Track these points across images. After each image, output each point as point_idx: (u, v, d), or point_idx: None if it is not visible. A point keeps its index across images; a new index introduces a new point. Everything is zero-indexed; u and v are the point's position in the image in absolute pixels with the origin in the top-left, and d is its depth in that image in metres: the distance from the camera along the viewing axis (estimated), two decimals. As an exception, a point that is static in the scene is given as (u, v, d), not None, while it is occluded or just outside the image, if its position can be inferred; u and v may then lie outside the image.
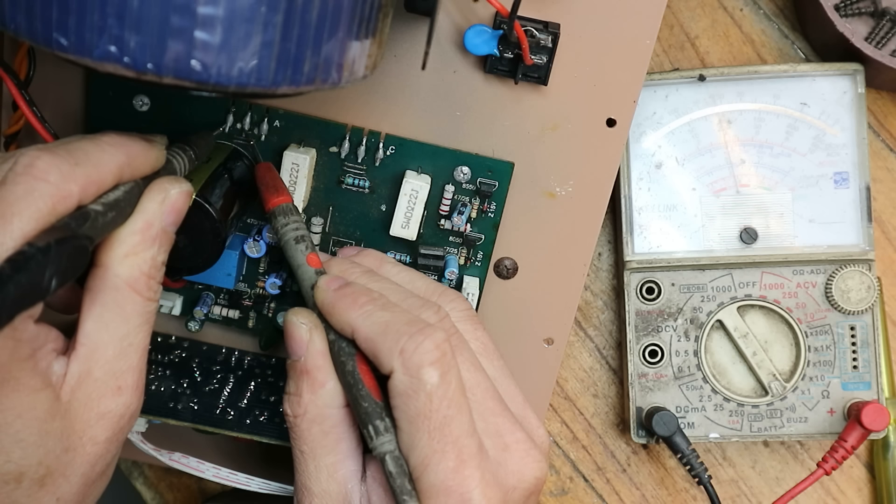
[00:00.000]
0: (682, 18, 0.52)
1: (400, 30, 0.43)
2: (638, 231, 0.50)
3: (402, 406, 0.35)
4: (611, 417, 0.54)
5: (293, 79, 0.32)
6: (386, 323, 0.36)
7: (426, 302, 0.38)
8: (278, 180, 0.42)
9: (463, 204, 0.44)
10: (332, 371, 0.37)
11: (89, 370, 0.34)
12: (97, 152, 0.34)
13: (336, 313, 0.37)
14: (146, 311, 0.36)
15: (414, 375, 0.34)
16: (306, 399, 0.37)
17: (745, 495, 0.54)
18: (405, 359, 0.34)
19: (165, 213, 0.36)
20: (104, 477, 0.36)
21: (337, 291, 0.38)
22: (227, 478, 0.45)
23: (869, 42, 0.48)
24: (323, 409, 0.37)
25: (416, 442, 0.34)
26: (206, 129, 0.44)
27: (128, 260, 0.35)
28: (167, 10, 0.29)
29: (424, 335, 0.35)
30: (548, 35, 0.41)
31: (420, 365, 0.34)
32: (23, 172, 0.31)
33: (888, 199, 0.53)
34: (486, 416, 0.36)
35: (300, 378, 0.37)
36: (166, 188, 0.36)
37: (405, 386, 0.34)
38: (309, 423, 0.37)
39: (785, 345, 0.51)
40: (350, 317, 0.37)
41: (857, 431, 0.49)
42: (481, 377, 0.37)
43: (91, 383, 0.34)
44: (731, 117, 0.49)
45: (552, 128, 0.44)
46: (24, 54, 0.42)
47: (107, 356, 0.35)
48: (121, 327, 0.35)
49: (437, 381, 0.34)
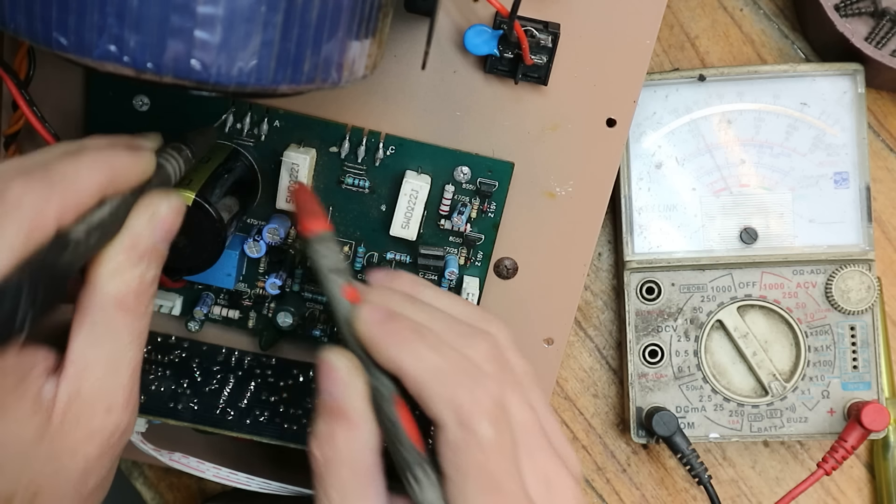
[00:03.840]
0: (682, 18, 0.52)
1: (400, 30, 0.43)
2: (638, 231, 0.50)
3: (452, 457, 0.33)
4: (611, 417, 0.54)
5: (293, 78, 0.32)
6: (438, 368, 0.34)
7: (475, 331, 0.36)
8: (315, 202, 0.39)
9: (463, 204, 0.44)
10: (370, 414, 0.35)
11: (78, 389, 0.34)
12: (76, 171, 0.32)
13: (382, 350, 0.35)
14: (136, 329, 0.35)
15: (468, 428, 0.33)
16: (340, 442, 0.35)
17: (745, 495, 0.54)
18: (459, 411, 0.33)
19: (154, 230, 0.35)
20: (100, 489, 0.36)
21: (381, 325, 0.35)
22: (227, 478, 0.45)
23: (869, 42, 0.48)
24: (356, 452, 0.35)
25: (466, 494, 0.33)
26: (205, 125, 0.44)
27: (115, 278, 0.34)
28: (167, 9, 0.29)
29: (480, 387, 0.33)
30: (548, 35, 0.41)
31: (475, 419, 0.33)
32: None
33: (888, 199, 0.53)
34: (535, 456, 0.35)
35: (335, 419, 0.35)
36: (155, 204, 0.35)
37: (457, 438, 0.33)
38: (338, 467, 0.35)
39: (785, 345, 0.51)
40: (397, 355, 0.34)
41: (857, 431, 0.49)
42: (531, 417, 0.36)
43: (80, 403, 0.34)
44: (731, 117, 0.49)
45: (552, 128, 0.44)
46: (24, 54, 0.42)
47: (96, 375, 0.34)
48: (109, 345, 0.34)
49: (493, 436, 0.33)
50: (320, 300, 0.47)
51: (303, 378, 0.47)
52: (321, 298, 0.47)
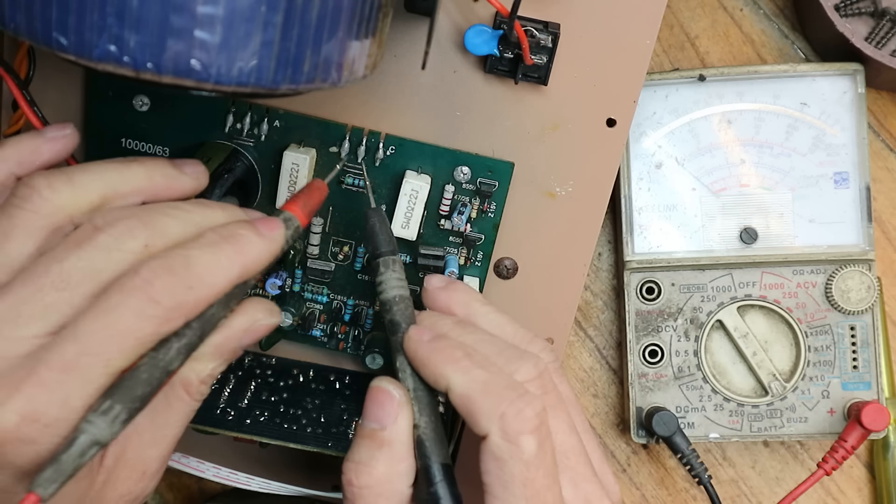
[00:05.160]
0: (682, 18, 0.52)
1: (400, 30, 0.43)
2: (638, 231, 0.50)
3: (497, 471, 0.34)
4: (611, 417, 0.54)
5: (293, 78, 0.32)
6: (485, 383, 0.34)
7: (524, 353, 0.37)
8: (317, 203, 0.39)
9: (463, 204, 0.44)
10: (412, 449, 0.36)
11: (124, 451, 0.35)
12: (215, 270, 0.33)
13: (430, 365, 0.35)
14: (188, 411, 0.36)
15: (513, 442, 0.33)
16: (380, 472, 0.35)
17: (745, 495, 0.54)
18: (505, 424, 0.33)
19: (247, 337, 0.36)
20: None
21: (430, 343, 0.36)
22: (227, 478, 0.45)
23: (869, 42, 0.48)
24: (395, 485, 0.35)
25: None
26: (205, 130, 0.44)
27: (190, 363, 0.35)
28: (167, 9, 0.29)
29: (525, 402, 0.34)
30: (548, 35, 0.41)
31: (520, 432, 0.33)
32: (140, 287, 0.31)
33: (888, 199, 0.53)
34: (577, 482, 0.36)
35: (378, 448, 0.35)
36: (260, 312, 0.36)
37: (502, 451, 0.33)
38: (375, 497, 0.35)
39: (785, 345, 0.51)
40: (446, 371, 0.35)
41: (857, 431, 0.49)
42: (576, 441, 0.36)
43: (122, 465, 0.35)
44: (731, 117, 0.49)
45: (552, 128, 0.44)
46: (24, 54, 0.42)
47: (142, 441, 0.35)
48: (162, 419, 0.36)
49: (536, 450, 0.33)
50: (320, 300, 0.47)
51: (303, 378, 0.47)
52: (321, 298, 0.47)
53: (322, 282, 0.46)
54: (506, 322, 0.40)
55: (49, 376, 0.30)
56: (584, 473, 0.36)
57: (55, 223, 0.33)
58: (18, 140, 0.37)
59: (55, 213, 0.33)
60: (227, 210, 0.36)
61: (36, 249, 0.33)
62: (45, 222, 0.33)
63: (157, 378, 0.32)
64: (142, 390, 0.31)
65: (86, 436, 0.30)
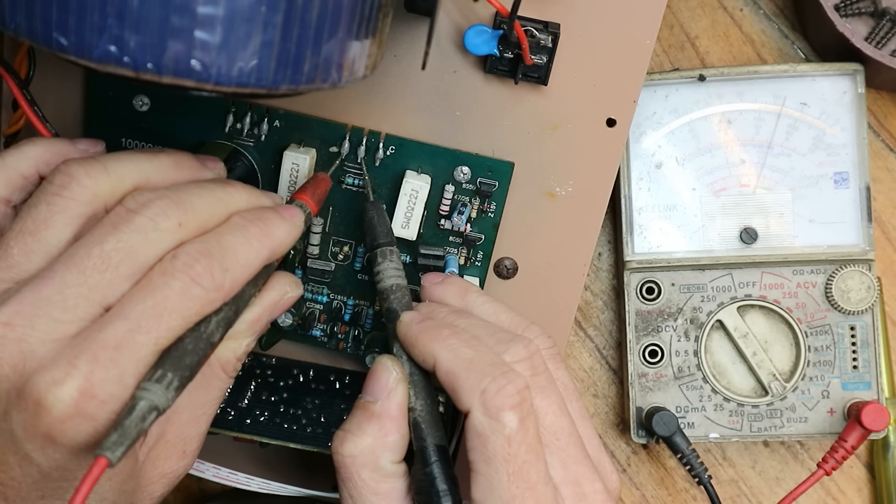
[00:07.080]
0: (682, 18, 0.52)
1: (400, 30, 0.43)
2: (638, 231, 0.50)
3: (479, 447, 0.34)
4: (611, 417, 0.54)
5: (293, 79, 0.32)
6: (470, 360, 0.35)
7: (515, 336, 0.37)
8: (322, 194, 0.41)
9: (463, 204, 0.44)
10: (404, 425, 0.37)
11: (164, 431, 0.36)
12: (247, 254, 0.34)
13: (419, 344, 0.37)
14: (225, 388, 0.38)
15: (494, 417, 0.34)
16: (366, 443, 0.36)
17: (745, 495, 0.54)
18: (486, 399, 0.34)
19: (278, 309, 0.38)
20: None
21: (420, 324, 0.37)
22: (227, 478, 0.45)
23: (869, 42, 0.48)
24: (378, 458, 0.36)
25: (495, 485, 0.34)
26: (205, 130, 0.44)
27: (227, 343, 0.36)
28: (167, 9, 0.29)
29: (507, 378, 0.34)
30: (548, 35, 0.41)
31: (501, 408, 0.34)
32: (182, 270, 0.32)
33: (888, 199, 0.53)
34: (567, 463, 0.36)
35: (369, 421, 0.36)
36: (286, 290, 0.38)
37: (483, 427, 0.34)
38: (359, 467, 0.36)
39: (785, 345, 0.51)
40: (433, 348, 0.36)
41: (857, 431, 0.49)
42: (566, 422, 0.37)
43: (163, 444, 0.36)
44: (731, 117, 0.49)
45: (552, 128, 0.44)
46: (24, 54, 0.42)
47: (181, 421, 0.37)
48: (201, 397, 0.37)
49: (517, 426, 0.34)
50: (320, 300, 0.47)
51: (303, 378, 0.47)
52: (321, 298, 0.47)
53: (322, 282, 0.46)
54: (502, 310, 0.40)
55: (103, 354, 0.30)
56: (575, 455, 0.36)
57: (92, 210, 0.34)
58: (50, 142, 0.37)
59: (92, 200, 0.34)
60: (248, 190, 0.37)
61: (73, 236, 0.33)
62: (84, 209, 0.34)
63: (202, 349, 0.33)
64: (189, 359, 0.32)
65: (145, 402, 0.30)
